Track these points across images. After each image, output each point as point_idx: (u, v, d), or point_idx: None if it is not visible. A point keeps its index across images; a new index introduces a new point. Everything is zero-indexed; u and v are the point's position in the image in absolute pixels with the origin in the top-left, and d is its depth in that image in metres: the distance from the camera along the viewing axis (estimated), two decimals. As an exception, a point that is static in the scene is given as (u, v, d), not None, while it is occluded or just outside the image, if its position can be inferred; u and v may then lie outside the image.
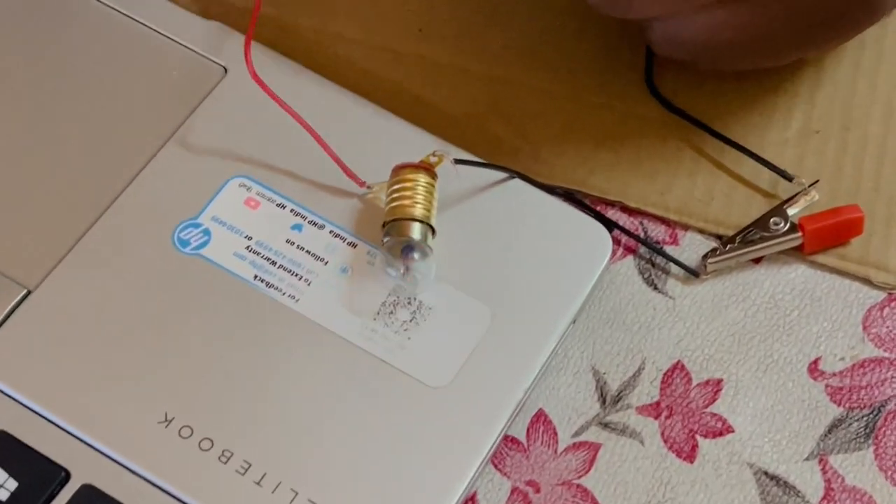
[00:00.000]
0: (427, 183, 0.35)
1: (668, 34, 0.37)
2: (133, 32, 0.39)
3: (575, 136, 0.40)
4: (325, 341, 0.34)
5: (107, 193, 0.37)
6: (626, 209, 0.39)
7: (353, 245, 0.36)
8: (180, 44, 0.39)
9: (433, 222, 0.35)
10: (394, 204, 0.35)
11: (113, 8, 0.40)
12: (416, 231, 0.34)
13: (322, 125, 0.36)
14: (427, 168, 0.35)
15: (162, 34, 0.39)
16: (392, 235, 0.35)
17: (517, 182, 0.37)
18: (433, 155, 0.36)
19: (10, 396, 0.33)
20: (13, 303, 0.34)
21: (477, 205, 0.37)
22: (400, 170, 0.35)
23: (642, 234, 0.38)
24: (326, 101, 0.38)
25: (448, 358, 0.34)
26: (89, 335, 0.34)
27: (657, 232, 0.38)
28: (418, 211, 0.34)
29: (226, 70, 0.39)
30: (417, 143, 0.37)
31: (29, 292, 0.35)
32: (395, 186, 0.35)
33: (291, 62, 0.39)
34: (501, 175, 0.37)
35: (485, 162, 0.37)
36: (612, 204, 0.39)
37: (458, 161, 0.36)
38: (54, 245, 0.36)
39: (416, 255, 0.35)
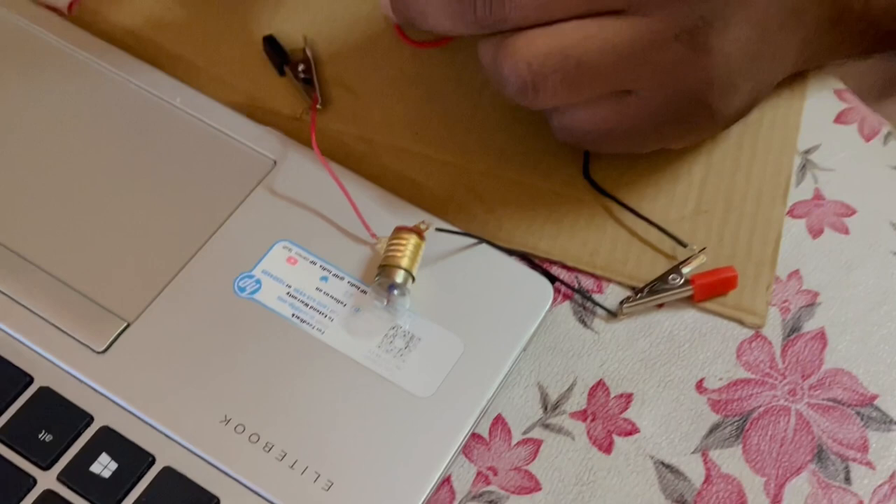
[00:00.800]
0: (416, 243, 0.35)
1: (561, 124, 0.36)
2: (214, 134, 0.39)
3: (529, 212, 0.39)
4: (343, 363, 0.34)
5: (188, 250, 0.36)
6: (565, 267, 0.38)
7: (364, 292, 0.35)
8: (245, 144, 0.39)
9: (415, 272, 0.35)
10: (388, 254, 0.35)
11: (190, 114, 0.39)
12: (399, 276, 0.34)
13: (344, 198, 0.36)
14: (417, 232, 0.35)
15: (232, 137, 0.39)
16: (382, 277, 0.35)
17: (484, 246, 0.37)
18: (422, 223, 0.36)
19: (113, 401, 0.33)
20: (117, 332, 0.34)
21: (455, 261, 0.36)
22: (397, 230, 0.35)
23: (577, 285, 0.38)
24: (347, 182, 0.37)
25: (432, 376, 0.34)
26: (173, 358, 0.34)
27: (588, 283, 0.38)
28: (404, 262, 0.34)
29: (275, 163, 0.38)
30: (413, 214, 0.37)
31: (129, 324, 0.35)
32: (392, 242, 0.35)
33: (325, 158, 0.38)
34: (473, 241, 0.37)
35: (460, 231, 0.37)
36: (555, 263, 0.38)
37: (440, 229, 0.36)
38: (148, 288, 0.35)
39: (395, 293, 0.35)
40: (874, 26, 0.40)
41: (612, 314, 0.37)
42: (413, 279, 0.35)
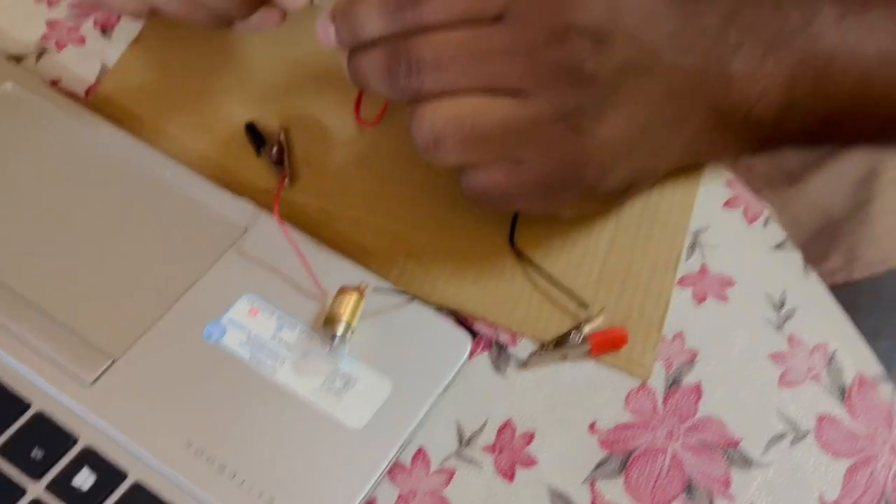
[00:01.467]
0: (356, 299, 0.37)
1: (467, 184, 0.37)
2: (196, 204, 0.41)
3: (459, 274, 0.41)
4: (290, 399, 0.36)
5: (168, 299, 0.38)
6: (486, 322, 0.40)
7: (312, 339, 0.38)
8: (222, 213, 0.41)
9: (354, 324, 0.37)
10: (333, 308, 0.37)
11: (185, 190, 0.41)
12: (340, 327, 0.37)
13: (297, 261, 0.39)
14: (358, 290, 0.38)
15: (211, 206, 0.41)
16: (326, 327, 0.37)
17: (416, 303, 0.39)
18: (362, 283, 0.38)
19: (96, 426, 0.35)
20: (104, 367, 0.36)
21: (389, 315, 0.38)
22: (342, 289, 0.38)
23: (495, 338, 0.40)
24: (304, 246, 0.39)
25: (363, 411, 0.36)
26: (150, 391, 0.36)
27: (505, 337, 0.40)
28: (345, 315, 0.37)
29: (246, 229, 0.40)
30: (358, 275, 0.39)
31: (115, 360, 0.37)
32: (337, 298, 0.37)
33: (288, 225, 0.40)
34: (406, 298, 0.39)
35: (396, 289, 0.39)
36: (478, 319, 0.40)
37: (376, 288, 0.39)
38: (133, 330, 0.37)
39: (337, 341, 0.37)
40: (757, 131, 0.41)
41: (523, 364, 0.40)
42: (352, 330, 0.37)
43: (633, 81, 0.36)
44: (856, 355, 0.41)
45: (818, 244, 0.65)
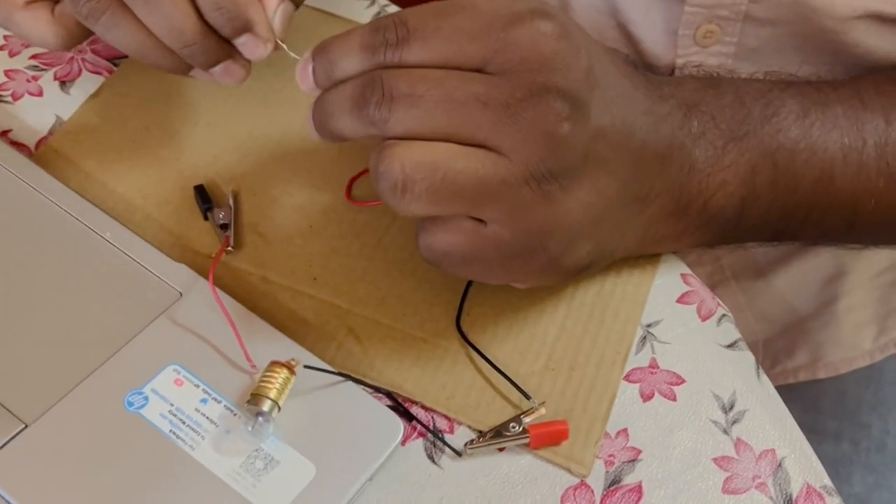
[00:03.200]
0: (286, 376, 0.36)
1: (425, 241, 0.36)
2: (133, 266, 0.40)
3: (399, 355, 0.40)
4: (207, 479, 0.35)
5: (90, 364, 0.37)
6: (424, 407, 0.39)
7: (236, 415, 0.36)
8: (158, 276, 0.40)
9: (281, 402, 0.36)
10: (260, 384, 0.36)
11: (116, 247, 0.40)
12: (266, 405, 0.35)
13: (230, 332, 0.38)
14: (288, 367, 0.36)
15: (148, 269, 0.40)
16: (251, 404, 0.35)
17: (349, 383, 0.38)
18: (293, 360, 0.37)
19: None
20: (14, 433, 0.35)
21: (320, 395, 0.37)
22: (271, 364, 0.36)
23: (431, 425, 0.39)
24: (239, 317, 0.39)
25: (283, 496, 0.35)
26: (60, 461, 0.35)
27: (442, 423, 0.39)
28: (272, 393, 0.35)
29: (181, 294, 0.39)
30: (292, 350, 0.38)
31: (26, 426, 0.35)
32: (266, 374, 0.36)
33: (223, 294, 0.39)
34: (339, 378, 0.38)
35: (329, 369, 0.38)
36: (416, 402, 0.39)
37: (307, 366, 0.37)
38: (49, 395, 0.36)
39: (261, 420, 0.35)
40: (713, 221, 0.41)
41: (458, 453, 0.38)
42: (279, 408, 0.36)
43: (604, 153, 0.36)
44: (804, 464, 0.39)
45: (784, 340, 0.65)
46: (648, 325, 0.43)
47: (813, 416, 0.41)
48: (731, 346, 0.43)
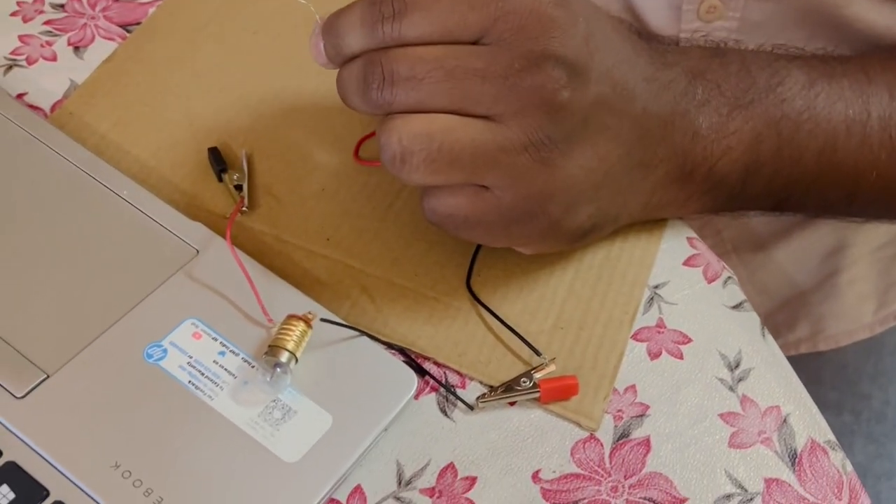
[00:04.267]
0: (303, 329, 0.37)
1: (429, 205, 0.37)
2: (150, 224, 0.41)
3: (412, 314, 0.41)
4: (225, 427, 0.36)
5: (110, 317, 0.38)
6: (436, 363, 0.40)
7: (254, 367, 0.37)
8: (175, 234, 0.41)
9: (299, 354, 0.37)
10: (277, 337, 0.37)
11: (133, 206, 0.41)
12: (283, 356, 0.36)
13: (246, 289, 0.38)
14: (305, 320, 0.37)
15: (165, 227, 0.41)
16: (269, 356, 0.36)
17: (364, 338, 0.39)
18: (309, 313, 0.38)
19: (22, 441, 0.35)
20: (36, 382, 0.36)
21: (336, 349, 0.38)
22: (288, 318, 0.37)
23: (444, 380, 0.40)
24: (255, 274, 0.39)
25: (300, 445, 0.35)
26: (81, 409, 0.36)
27: (454, 379, 0.40)
28: (290, 344, 0.36)
29: (198, 252, 0.40)
30: (308, 306, 0.39)
31: (48, 376, 0.36)
32: (283, 327, 0.37)
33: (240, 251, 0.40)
34: (354, 333, 0.39)
35: (343, 323, 0.39)
36: (428, 359, 0.40)
37: (324, 319, 0.38)
38: (70, 347, 0.37)
39: (279, 371, 0.36)
40: (718, 188, 0.42)
41: (470, 407, 0.39)
42: (296, 360, 0.37)
43: (604, 119, 0.36)
44: (808, 420, 0.40)
45: (785, 313, 0.65)
46: (656, 287, 0.44)
47: (814, 388, 0.42)
48: (736, 307, 0.44)
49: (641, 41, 0.39)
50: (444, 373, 0.40)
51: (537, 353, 0.40)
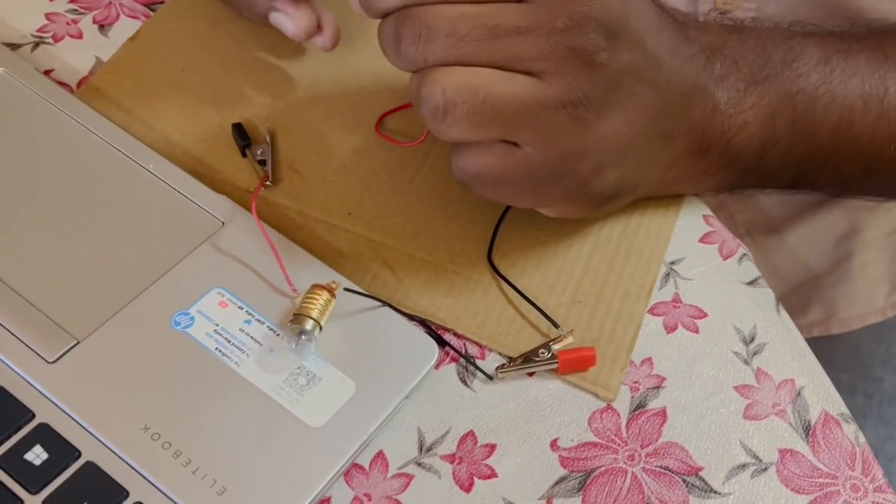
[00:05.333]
0: (327, 298, 0.38)
1: (458, 163, 0.37)
2: (176, 196, 0.42)
3: (432, 286, 0.42)
4: (251, 392, 0.36)
5: (138, 286, 0.38)
6: (456, 334, 0.41)
7: (279, 335, 0.38)
8: (201, 206, 0.41)
9: (323, 322, 0.37)
10: (302, 305, 0.37)
11: (160, 178, 0.42)
12: (308, 324, 0.37)
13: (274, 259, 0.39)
14: (329, 289, 0.38)
15: (191, 199, 0.42)
16: (294, 323, 0.37)
17: (386, 308, 0.39)
18: (333, 283, 0.39)
19: (54, 403, 0.35)
20: (67, 347, 0.37)
21: (359, 318, 0.39)
22: (313, 287, 0.38)
23: (463, 351, 0.40)
24: (279, 245, 0.40)
25: (325, 410, 0.36)
26: (111, 374, 0.36)
27: (473, 350, 0.40)
28: (314, 313, 0.37)
29: (223, 224, 0.41)
30: (331, 277, 0.40)
31: (78, 342, 0.37)
32: (307, 296, 0.38)
33: (264, 224, 0.41)
34: (376, 303, 0.39)
35: (366, 293, 0.39)
36: (448, 330, 0.41)
37: (347, 289, 0.39)
38: (100, 313, 0.37)
39: (304, 338, 0.37)
40: (734, 163, 0.43)
41: (489, 377, 0.40)
42: (321, 328, 0.38)
43: (634, 86, 0.37)
44: (822, 393, 0.41)
45: (797, 296, 0.66)
46: (672, 263, 0.44)
47: (826, 371, 0.43)
48: (751, 283, 0.44)
49: (666, 14, 0.40)
50: (464, 344, 0.41)
51: (555, 325, 0.41)
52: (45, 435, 0.35)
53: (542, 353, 0.40)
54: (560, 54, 0.35)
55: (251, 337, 0.38)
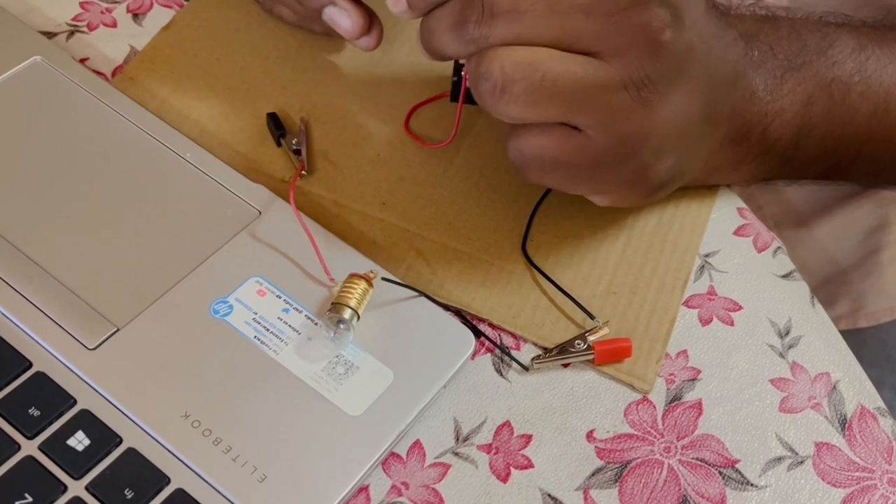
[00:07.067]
0: (364, 288, 0.38)
1: (515, 144, 0.37)
2: (213, 185, 0.42)
3: (467, 277, 0.42)
4: (290, 380, 0.37)
5: (177, 274, 0.39)
6: (491, 325, 0.41)
7: (317, 324, 0.38)
8: (237, 195, 0.42)
9: (361, 311, 0.37)
10: (340, 294, 0.37)
11: (197, 167, 0.42)
12: (346, 313, 0.37)
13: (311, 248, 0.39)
14: (367, 279, 0.38)
15: (227, 189, 0.42)
16: (332, 312, 0.37)
17: (422, 299, 0.39)
18: (371, 272, 0.39)
19: (95, 390, 0.36)
20: (107, 334, 0.37)
21: (396, 308, 0.39)
22: (350, 276, 0.38)
23: (498, 341, 0.40)
24: (316, 234, 0.40)
25: (363, 399, 0.36)
26: (151, 361, 0.36)
27: (508, 340, 0.41)
28: (352, 302, 0.37)
29: (260, 213, 0.41)
30: (367, 266, 0.40)
31: (118, 329, 0.37)
32: (345, 285, 0.38)
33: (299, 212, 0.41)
34: (413, 293, 0.39)
35: (403, 283, 0.39)
36: (483, 320, 0.41)
37: (385, 279, 0.39)
38: (139, 301, 0.38)
39: (342, 327, 0.37)
40: (770, 151, 0.43)
41: (525, 368, 0.40)
42: (358, 317, 0.38)
43: (691, 67, 0.37)
44: (858, 387, 0.41)
45: (825, 290, 0.66)
46: (706, 255, 0.44)
47: (853, 365, 0.43)
48: (786, 276, 0.44)
49: (709, 0, 0.39)
50: (499, 335, 0.41)
51: (591, 316, 0.41)
52: (87, 421, 0.35)
53: (578, 343, 0.40)
54: (622, 33, 0.34)
55: (289, 325, 0.38)
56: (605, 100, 0.35)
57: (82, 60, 0.48)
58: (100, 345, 0.37)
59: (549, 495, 0.37)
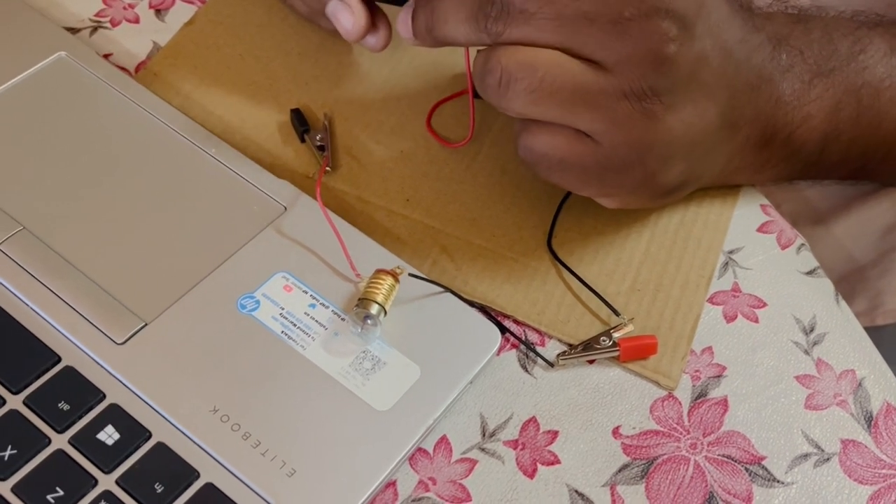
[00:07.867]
0: (391, 283, 0.38)
1: (525, 142, 0.37)
2: (238, 181, 0.42)
3: (491, 273, 0.42)
4: (318, 375, 0.37)
5: (204, 269, 0.39)
6: (516, 321, 0.41)
7: (344, 320, 0.38)
8: (263, 191, 0.42)
9: (387, 307, 0.37)
10: (367, 290, 0.38)
11: (222, 163, 0.42)
12: (373, 309, 0.37)
13: (337, 243, 0.39)
14: (393, 274, 0.38)
15: (253, 184, 0.42)
16: (360, 308, 0.37)
17: (448, 294, 0.39)
18: (397, 268, 0.39)
19: (124, 384, 0.36)
20: (135, 329, 0.37)
21: (422, 304, 0.39)
22: (377, 272, 0.38)
23: (524, 337, 0.40)
24: (342, 230, 0.40)
25: (390, 394, 0.36)
26: (179, 355, 0.37)
27: (533, 337, 0.41)
28: (379, 297, 0.37)
29: (285, 209, 0.41)
30: (393, 262, 0.40)
31: (146, 324, 0.37)
32: (371, 281, 0.38)
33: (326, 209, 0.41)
34: (439, 289, 0.39)
35: (429, 279, 0.39)
36: (508, 317, 0.41)
37: (412, 275, 0.39)
38: (167, 296, 0.38)
39: (369, 322, 0.37)
40: (795, 155, 0.43)
41: (550, 364, 0.40)
42: (385, 313, 0.38)
43: (704, 76, 0.37)
44: (884, 384, 0.41)
45: (842, 287, 0.65)
46: (730, 252, 0.44)
47: (871, 363, 0.43)
48: (810, 273, 0.44)
49: (735, 2, 0.39)
50: (524, 331, 0.41)
51: (616, 312, 0.41)
52: (116, 415, 0.35)
53: (604, 340, 0.40)
54: (624, 44, 0.34)
55: (316, 321, 0.38)
56: (605, 106, 0.35)
57: (106, 56, 0.48)
58: (128, 339, 0.37)
59: (576, 491, 0.37)
